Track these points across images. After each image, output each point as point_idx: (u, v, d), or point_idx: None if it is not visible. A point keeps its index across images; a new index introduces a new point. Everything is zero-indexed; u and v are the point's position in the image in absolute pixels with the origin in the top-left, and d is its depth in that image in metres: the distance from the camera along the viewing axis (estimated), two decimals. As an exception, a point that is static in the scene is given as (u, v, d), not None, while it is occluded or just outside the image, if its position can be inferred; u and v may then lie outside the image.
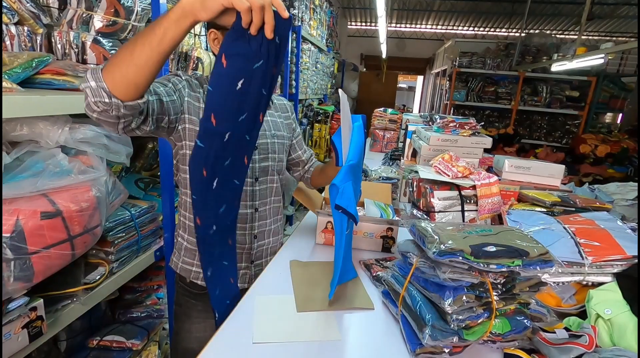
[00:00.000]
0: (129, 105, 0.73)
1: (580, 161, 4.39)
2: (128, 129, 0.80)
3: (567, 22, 7.05)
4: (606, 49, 3.02)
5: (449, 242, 0.72)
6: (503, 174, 1.49)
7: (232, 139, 0.78)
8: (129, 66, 0.69)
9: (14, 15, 1.10)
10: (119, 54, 0.70)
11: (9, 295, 0.88)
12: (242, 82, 0.72)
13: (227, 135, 0.76)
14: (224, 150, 0.78)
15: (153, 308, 1.60)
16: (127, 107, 0.73)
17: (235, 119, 0.76)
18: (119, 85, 0.70)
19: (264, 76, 0.74)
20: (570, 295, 0.94)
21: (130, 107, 0.74)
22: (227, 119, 0.75)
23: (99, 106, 0.71)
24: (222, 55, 0.70)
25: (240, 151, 0.82)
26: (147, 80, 0.72)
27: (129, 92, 0.71)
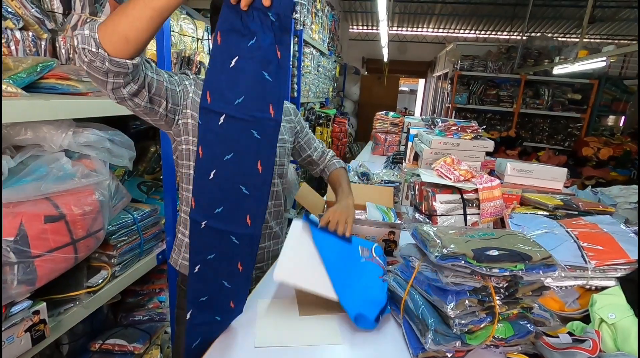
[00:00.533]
0: (115, 60, 0.72)
1: (583, 164, 4.37)
2: (118, 93, 0.79)
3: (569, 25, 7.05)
4: (608, 52, 3.01)
5: (451, 246, 0.72)
6: (505, 178, 1.49)
7: (232, 126, 0.73)
8: (120, 18, 0.69)
9: (19, 20, 1.11)
10: (116, 10, 0.72)
11: (12, 298, 0.88)
12: (236, 60, 0.70)
13: (222, 118, 0.72)
14: (219, 137, 0.73)
15: (155, 312, 1.60)
16: (113, 63, 0.72)
17: (231, 101, 0.72)
18: (109, 36, 0.70)
19: (264, 57, 0.71)
20: (574, 299, 0.93)
21: (117, 64, 0.73)
22: (221, 98, 0.72)
23: (87, 56, 0.72)
24: (217, 32, 0.69)
25: (246, 150, 0.75)
26: (137, 36, 0.71)
27: (118, 46, 0.71)
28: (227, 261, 0.79)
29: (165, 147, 1.44)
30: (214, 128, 0.73)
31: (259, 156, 0.75)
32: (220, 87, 0.72)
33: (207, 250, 0.78)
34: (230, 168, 0.74)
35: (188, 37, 1.70)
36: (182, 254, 1.10)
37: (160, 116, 0.92)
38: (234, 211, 0.76)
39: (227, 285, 0.80)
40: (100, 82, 0.77)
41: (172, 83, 0.93)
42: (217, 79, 0.72)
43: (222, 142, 0.73)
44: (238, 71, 0.71)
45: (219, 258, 0.78)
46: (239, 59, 0.70)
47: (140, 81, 0.81)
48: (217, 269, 0.79)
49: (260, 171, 0.75)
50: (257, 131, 0.73)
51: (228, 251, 0.78)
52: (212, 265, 0.78)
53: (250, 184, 0.75)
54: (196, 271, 0.77)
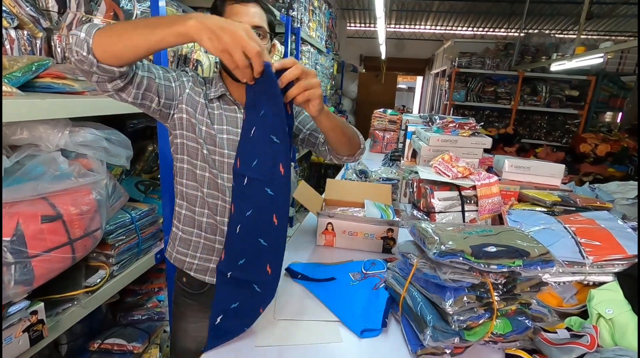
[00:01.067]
0: (102, 67, 0.75)
1: (581, 161, 4.38)
2: (103, 87, 0.82)
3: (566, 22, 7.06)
4: (605, 49, 3.02)
5: (450, 243, 0.72)
6: (503, 174, 1.49)
7: (251, 186, 0.82)
8: (119, 41, 0.73)
9: (13, 19, 1.10)
10: (118, 26, 0.75)
11: (10, 298, 0.88)
12: (254, 129, 0.81)
13: (245, 179, 0.82)
14: (243, 195, 0.83)
15: (154, 311, 1.59)
16: (100, 69, 0.75)
17: (249, 164, 0.82)
18: (102, 49, 0.73)
19: (269, 122, 0.79)
20: (572, 295, 0.93)
21: (104, 70, 0.76)
22: (244, 163, 0.83)
23: (77, 55, 0.74)
24: (244, 109, 0.84)
25: (263, 206, 0.81)
26: (129, 58, 0.75)
27: (107, 58, 0.74)
28: (250, 308, 0.85)
29: (162, 146, 1.43)
30: (240, 188, 0.84)
31: (273, 210, 0.82)
32: (245, 154, 0.83)
33: (231, 299, 0.85)
34: (250, 222, 0.83)
35: (185, 35, 1.69)
36: (176, 248, 1.11)
37: (154, 110, 0.94)
38: (255, 261, 0.83)
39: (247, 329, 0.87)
40: (86, 74, 0.79)
41: (166, 79, 0.94)
42: (243, 147, 0.84)
43: (244, 200, 0.83)
44: (255, 138, 0.81)
45: (242, 306, 0.85)
46: (255, 129, 0.81)
47: (128, 79, 0.83)
48: (240, 317, 0.85)
49: (276, 223, 0.82)
50: (271, 189, 0.81)
51: (250, 299, 0.84)
52: (235, 312, 0.84)
53: (268, 236, 0.82)
54: (217, 322, 0.83)
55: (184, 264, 1.10)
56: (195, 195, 1.03)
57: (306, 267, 1.06)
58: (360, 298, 0.93)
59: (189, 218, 1.06)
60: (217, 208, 1.03)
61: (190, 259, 1.09)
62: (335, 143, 1.04)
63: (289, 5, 2.87)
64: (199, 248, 1.07)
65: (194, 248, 1.08)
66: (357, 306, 0.90)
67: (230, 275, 0.84)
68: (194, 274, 1.09)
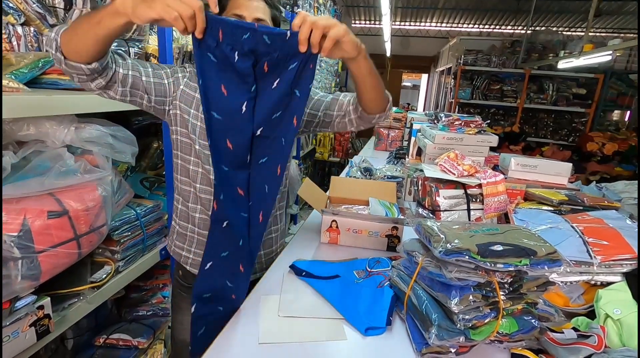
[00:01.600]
0: (69, 64, 0.78)
1: (588, 159, 4.34)
2: (86, 86, 0.85)
3: (574, 19, 6.97)
4: (614, 46, 2.97)
5: (455, 241, 0.72)
6: (509, 173, 1.48)
7: (266, 138, 0.85)
8: (75, 34, 0.76)
9: (20, 16, 1.10)
10: (76, 21, 0.78)
11: (17, 293, 0.89)
12: (277, 82, 0.82)
13: (261, 130, 0.84)
14: (258, 143, 0.85)
15: (159, 307, 1.60)
16: (68, 65, 0.78)
17: (269, 116, 0.85)
18: (66, 44, 0.77)
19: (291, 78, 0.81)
20: (579, 295, 0.92)
21: (72, 67, 0.78)
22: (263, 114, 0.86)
23: (50, 55, 0.79)
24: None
25: (274, 155, 0.86)
26: (87, 51, 0.77)
27: (72, 54, 0.77)
28: (233, 262, 0.88)
29: (167, 143, 1.44)
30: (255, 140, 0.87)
31: (280, 161, 0.88)
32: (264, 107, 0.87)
33: (221, 247, 0.87)
34: (262, 169, 0.87)
35: (190, 32, 1.69)
36: (174, 241, 1.13)
37: (146, 107, 0.96)
38: (257, 206, 0.88)
39: (229, 284, 0.89)
40: (68, 74, 0.82)
41: (157, 76, 0.95)
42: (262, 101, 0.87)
43: (260, 148, 0.87)
44: (277, 91, 0.85)
45: (230, 258, 0.88)
46: (280, 81, 0.84)
47: (108, 77, 0.85)
48: (223, 269, 0.88)
49: (278, 174, 0.87)
50: (285, 139, 0.86)
51: (236, 251, 0.87)
52: (221, 264, 0.87)
53: (270, 184, 0.88)
54: (207, 268, 0.87)
55: (180, 257, 1.12)
56: (189, 191, 1.04)
57: (310, 265, 1.06)
58: (365, 296, 0.93)
59: (184, 213, 1.08)
60: (210, 203, 1.03)
61: (186, 253, 1.11)
62: (370, 94, 0.94)
63: (294, 2, 2.87)
64: (193, 243, 1.09)
65: (189, 242, 1.09)
66: (361, 304, 0.90)
67: (227, 223, 0.86)
68: (189, 268, 1.11)
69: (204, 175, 1.01)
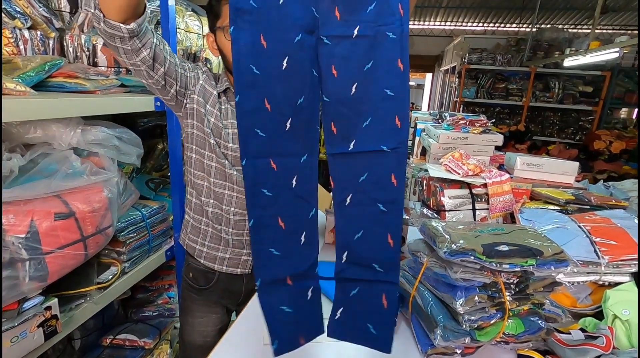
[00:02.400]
0: (108, 22, 0.80)
1: (595, 158, 4.29)
2: (132, 57, 0.87)
3: (580, 16, 6.89)
4: (621, 43, 2.94)
5: (461, 241, 0.71)
6: (515, 172, 1.47)
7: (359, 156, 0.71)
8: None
9: (27, 19, 1.12)
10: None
11: (25, 294, 0.90)
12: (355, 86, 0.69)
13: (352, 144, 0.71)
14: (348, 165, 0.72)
15: (164, 308, 1.61)
16: (107, 24, 0.80)
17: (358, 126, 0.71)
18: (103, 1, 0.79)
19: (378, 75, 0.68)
20: (586, 295, 0.92)
21: (111, 26, 0.80)
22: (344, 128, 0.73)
23: (93, 17, 0.83)
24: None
25: (380, 165, 0.72)
26: (123, 2, 0.78)
27: (110, 8, 0.79)
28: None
29: (172, 144, 1.45)
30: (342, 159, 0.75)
31: (391, 170, 0.72)
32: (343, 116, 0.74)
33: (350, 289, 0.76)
34: (366, 186, 0.73)
35: (194, 34, 1.70)
36: (188, 235, 1.14)
37: (172, 96, 0.98)
38: (375, 230, 0.74)
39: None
40: (113, 49, 0.84)
41: (183, 68, 0.99)
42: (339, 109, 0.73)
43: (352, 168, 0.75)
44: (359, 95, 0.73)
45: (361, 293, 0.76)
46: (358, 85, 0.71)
47: (150, 50, 0.88)
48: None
49: (396, 185, 0.72)
50: (387, 145, 0.73)
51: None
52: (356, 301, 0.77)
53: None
54: (337, 317, 0.77)
55: (194, 251, 1.13)
56: (202, 184, 1.06)
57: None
58: None
59: (198, 206, 1.09)
60: (223, 197, 1.05)
61: (200, 246, 1.12)
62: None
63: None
64: (207, 237, 1.10)
65: (203, 236, 1.10)
66: None
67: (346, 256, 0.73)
68: (204, 261, 1.12)
69: (218, 169, 1.02)
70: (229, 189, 1.04)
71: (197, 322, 1.16)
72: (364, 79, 0.69)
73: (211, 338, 1.16)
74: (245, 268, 1.14)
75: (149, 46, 0.88)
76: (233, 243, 1.09)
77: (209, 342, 1.15)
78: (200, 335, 1.16)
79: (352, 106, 0.70)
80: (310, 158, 0.75)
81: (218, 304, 1.18)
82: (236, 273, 1.12)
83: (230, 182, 1.03)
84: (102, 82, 1.14)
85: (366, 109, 0.70)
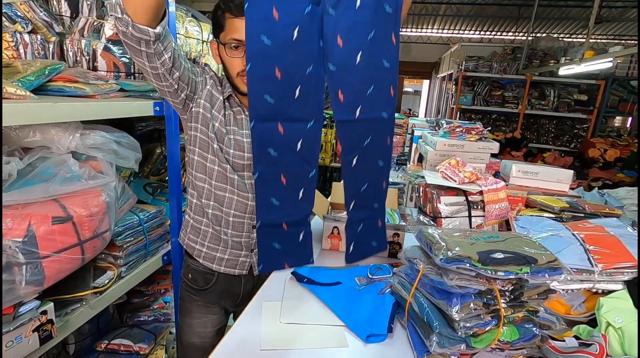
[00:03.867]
0: (137, 27, 0.81)
1: (589, 166, 4.33)
2: (153, 60, 0.89)
3: (575, 26, 6.99)
4: (615, 53, 2.99)
5: (456, 249, 0.72)
6: (510, 180, 1.48)
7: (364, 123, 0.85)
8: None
9: (27, 24, 1.12)
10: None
11: (21, 298, 0.89)
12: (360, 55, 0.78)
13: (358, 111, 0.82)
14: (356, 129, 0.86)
15: (160, 312, 1.61)
16: (136, 29, 0.81)
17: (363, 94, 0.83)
18: (129, 4, 0.80)
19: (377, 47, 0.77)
20: (580, 303, 0.92)
21: (139, 30, 0.82)
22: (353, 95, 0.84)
23: (116, 21, 0.82)
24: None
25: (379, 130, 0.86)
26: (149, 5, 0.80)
27: (136, 14, 0.81)
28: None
29: (170, 148, 1.45)
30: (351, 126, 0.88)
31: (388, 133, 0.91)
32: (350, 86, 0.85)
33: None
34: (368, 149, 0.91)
35: (193, 39, 1.71)
36: (188, 234, 1.15)
37: (181, 100, 1.00)
38: (376, 181, 1.00)
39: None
40: (136, 53, 0.86)
41: (193, 73, 1.01)
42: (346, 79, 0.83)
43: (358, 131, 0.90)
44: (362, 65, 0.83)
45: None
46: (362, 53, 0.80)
47: (170, 53, 0.90)
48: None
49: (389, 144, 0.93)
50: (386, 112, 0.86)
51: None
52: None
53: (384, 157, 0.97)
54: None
55: (194, 250, 1.14)
56: (203, 187, 1.07)
57: (312, 271, 1.06)
58: (366, 303, 0.93)
59: (198, 207, 1.11)
60: (224, 199, 1.06)
61: (199, 246, 1.13)
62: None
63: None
64: (207, 237, 1.11)
65: (203, 236, 1.12)
66: (363, 311, 0.90)
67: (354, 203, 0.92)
68: (202, 261, 1.13)
69: (219, 172, 1.04)
70: (229, 193, 1.05)
71: (196, 323, 1.17)
72: (368, 48, 0.75)
73: (209, 339, 1.17)
74: (243, 269, 1.14)
75: (169, 49, 0.90)
76: (232, 244, 1.10)
77: (207, 343, 1.16)
78: (198, 336, 1.16)
79: (358, 74, 0.77)
80: (316, 124, 0.85)
81: (217, 305, 1.18)
82: (234, 274, 1.13)
83: (231, 186, 1.05)
84: (101, 86, 1.15)
85: (370, 77, 0.77)
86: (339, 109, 0.82)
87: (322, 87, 0.82)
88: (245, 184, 1.06)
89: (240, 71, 0.99)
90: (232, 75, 1.01)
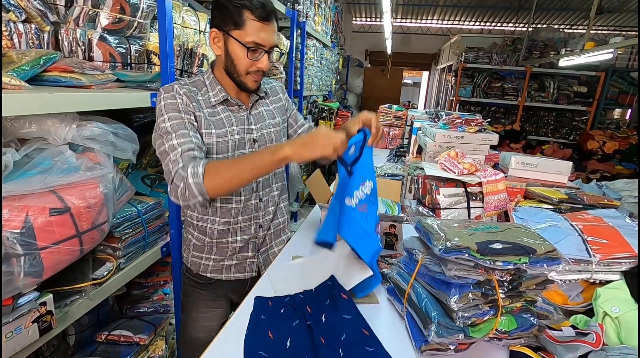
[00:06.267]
0: (208, 202, 0.90)
1: (588, 158, 4.34)
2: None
3: (576, 17, 6.94)
4: (615, 44, 2.97)
5: (455, 239, 0.72)
6: (509, 171, 1.48)
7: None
8: (229, 181, 0.88)
9: (21, 13, 1.10)
10: (222, 168, 0.90)
11: (20, 290, 0.89)
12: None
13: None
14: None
15: (160, 304, 1.61)
16: (205, 203, 0.90)
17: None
18: (214, 190, 0.88)
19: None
20: (577, 293, 0.93)
21: (210, 202, 0.91)
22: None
23: (183, 195, 0.89)
24: None
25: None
26: (236, 188, 0.96)
27: (217, 194, 0.90)
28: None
29: (168, 140, 1.44)
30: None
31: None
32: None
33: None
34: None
35: (190, 29, 1.68)
36: (191, 253, 1.16)
37: None
38: None
39: None
40: (187, 206, 0.93)
41: (192, 129, 0.98)
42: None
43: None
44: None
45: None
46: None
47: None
48: None
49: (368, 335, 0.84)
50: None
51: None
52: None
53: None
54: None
55: (199, 267, 1.15)
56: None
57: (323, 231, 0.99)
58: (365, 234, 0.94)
59: (201, 228, 1.11)
60: (231, 211, 1.08)
61: (205, 261, 1.14)
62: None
63: (294, 0, 2.86)
64: (212, 251, 1.12)
65: (208, 251, 1.13)
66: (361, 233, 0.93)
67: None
68: (211, 275, 1.14)
69: None
70: (235, 203, 1.07)
71: (202, 317, 1.17)
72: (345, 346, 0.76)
73: (215, 333, 1.17)
74: (252, 271, 1.16)
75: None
76: (240, 248, 1.12)
77: (213, 336, 1.16)
78: (204, 329, 1.17)
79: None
80: None
81: (224, 298, 1.20)
82: (244, 278, 1.15)
83: (236, 194, 1.06)
84: (97, 77, 1.13)
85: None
86: None
87: None
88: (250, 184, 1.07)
89: (252, 70, 0.98)
90: (240, 72, 0.99)
